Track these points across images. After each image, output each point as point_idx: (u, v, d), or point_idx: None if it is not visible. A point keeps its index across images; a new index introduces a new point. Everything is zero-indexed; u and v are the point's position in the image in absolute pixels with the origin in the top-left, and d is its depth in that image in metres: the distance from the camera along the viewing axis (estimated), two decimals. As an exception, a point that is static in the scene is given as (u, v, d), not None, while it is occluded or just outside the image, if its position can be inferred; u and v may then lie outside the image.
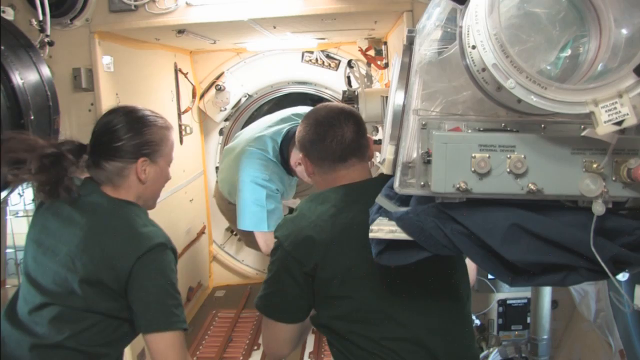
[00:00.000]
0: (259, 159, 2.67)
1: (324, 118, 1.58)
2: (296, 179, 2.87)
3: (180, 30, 2.49)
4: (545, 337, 1.80)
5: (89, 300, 1.45)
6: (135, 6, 2.25)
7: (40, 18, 1.98)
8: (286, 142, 2.67)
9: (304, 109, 2.82)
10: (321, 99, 3.65)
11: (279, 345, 1.57)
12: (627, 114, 0.80)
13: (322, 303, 1.48)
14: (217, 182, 3.10)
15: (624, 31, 0.88)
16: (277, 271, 1.48)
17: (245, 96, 3.68)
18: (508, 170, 0.94)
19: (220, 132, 3.81)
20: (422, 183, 0.98)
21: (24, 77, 1.59)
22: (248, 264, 3.93)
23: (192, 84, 3.54)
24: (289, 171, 2.72)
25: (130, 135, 1.55)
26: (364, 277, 1.41)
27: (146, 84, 2.88)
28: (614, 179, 0.92)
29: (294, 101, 3.92)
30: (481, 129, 0.96)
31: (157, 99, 3.03)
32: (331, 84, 3.56)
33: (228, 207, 2.96)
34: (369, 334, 1.41)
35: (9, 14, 1.93)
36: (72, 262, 1.45)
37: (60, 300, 1.46)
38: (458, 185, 0.94)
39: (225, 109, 3.64)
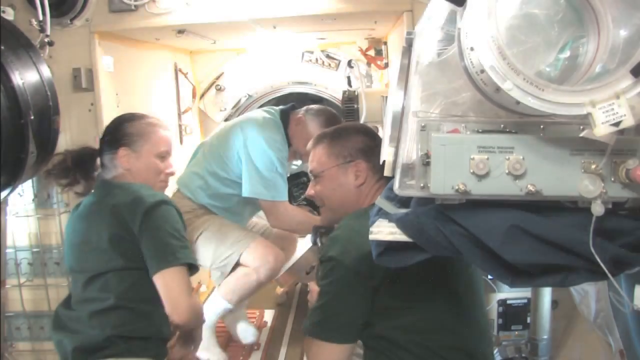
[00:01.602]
0: (269, 119, 2.56)
1: (366, 128, 1.70)
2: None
3: (180, 30, 2.49)
4: (545, 337, 1.80)
5: (121, 258, 1.69)
6: (135, 6, 2.26)
7: (40, 18, 1.98)
8: (285, 117, 2.60)
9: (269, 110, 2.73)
10: (321, 99, 3.65)
11: None
12: (625, 115, 0.80)
13: (382, 314, 1.43)
14: (177, 189, 2.65)
15: (623, 32, 0.88)
16: (338, 292, 1.43)
17: (245, 96, 3.68)
18: (507, 171, 0.94)
19: (220, 132, 3.81)
20: (421, 185, 0.98)
21: (24, 77, 1.59)
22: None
23: (192, 84, 3.54)
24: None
25: (110, 130, 1.91)
26: (424, 286, 1.41)
27: (146, 84, 2.88)
28: (612, 179, 0.92)
29: (294, 101, 3.92)
30: (480, 131, 0.96)
31: (157, 99, 3.03)
32: (331, 84, 3.56)
33: (197, 213, 2.54)
34: (428, 344, 1.40)
35: (9, 14, 1.93)
36: (98, 234, 1.72)
37: (102, 268, 1.70)
38: (457, 187, 0.94)
39: (225, 109, 3.64)
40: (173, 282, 1.67)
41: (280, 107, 2.71)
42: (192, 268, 1.78)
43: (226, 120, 3.74)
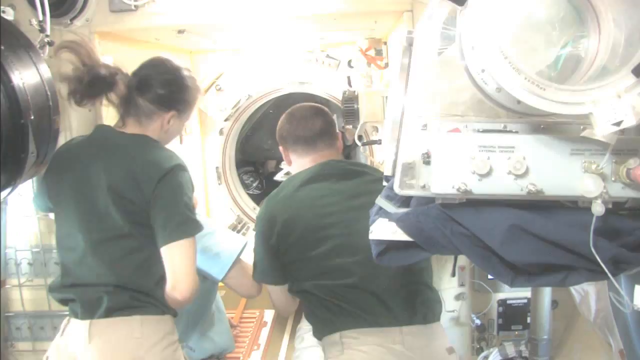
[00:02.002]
0: None
1: (297, 112, 1.98)
2: None
3: (180, 30, 2.48)
4: (545, 337, 1.79)
5: (127, 224, 1.62)
6: (135, 6, 2.25)
7: (40, 18, 1.98)
8: None
9: None
10: (321, 99, 3.65)
11: (280, 303, 1.94)
12: (626, 115, 0.80)
13: (289, 269, 1.80)
14: None
15: (623, 31, 0.88)
16: (256, 246, 1.86)
17: (245, 96, 3.67)
18: (508, 171, 0.94)
19: (220, 132, 3.81)
20: (422, 184, 0.99)
21: (23, 77, 1.59)
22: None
23: (192, 84, 3.53)
24: None
25: (173, 90, 1.79)
26: (318, 241, 1.71)
27: (146, 84, 2.87)
28: (613, 179, 0.93)
29: (294, 101, 3.92)
30: (481, 130, 0.96)
31: (157, 99, 3.02)
32: (331, 84, 3.56)
33: None
34: (326, 283, 1.70)
35: (9, 14, 1.92)
36: (106, 190, 1.63)
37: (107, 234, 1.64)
38: (458, 186, 0.95)
39: (225, 109, 3.64)
40: (181, 255, 1.62)
41: None
42: None
43: (226, 120, 3.74)
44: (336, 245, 1.71)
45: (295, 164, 1.96)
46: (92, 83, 1.67)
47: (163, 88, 1.77)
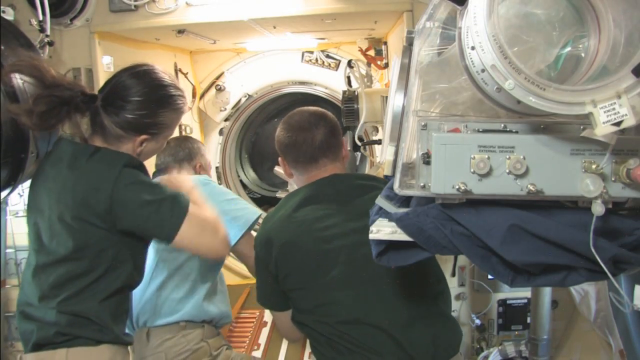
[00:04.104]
0: None
1: (297, 122, 1.72)
2: None
3: (180, 30, 2.49)
4: (545, 337, 1.79)
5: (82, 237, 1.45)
6: (135, 6, 2.25)
7: (40, 18, 1.98)
8: None
9: None
10: (321, 99, 3.65)
11: (286, 330, 1.75)
12: (626, 115, 0.80)
13: (290, 297, 1.63)
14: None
15: (623, 31, 0.88)
16: (257, 270, 1.70)
17: (245, 96, 3.68)
18: (507, 171, 0.94)
19: (220, 132, 3.81)
20: (422, 184, 0.98)
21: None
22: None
23: (192, 84, 3.54)
24: None
25: (144, 114, 1.52)
26: (317, 270, 1.55)
27: (146, 84, 2.87)
28: (613, 179, 0.92)
29: (294, 101, 3.93)
30: (480, 130, 0.96)
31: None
32: (331, 84, 3.56)
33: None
34: (326, 320, 1.53)
35: (9, 14, 1.92)
36: (63, 203, 1.45)
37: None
38: (458, 186, 0.94)
39: (225, 109, 3.65)
40: (197, 230, 1.50)
41: None
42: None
43: (226, 120, 3.74)
44: (337, 275, 1.53)
45: (296, 179, 1.78)
46: (48, 110, 1.43)
47: (132, 112, 1.51)
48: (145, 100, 1.52)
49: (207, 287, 2.15)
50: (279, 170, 2.96)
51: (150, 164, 2.61)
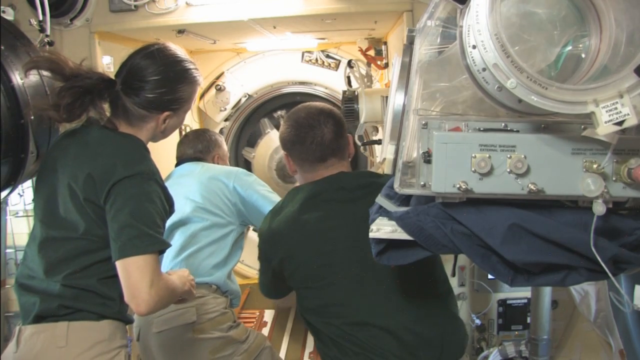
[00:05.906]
0: None
1: (304, 119, 1.67)
2: None
3: (180, 30, 2.48)
4: (545, 337, 1.79)
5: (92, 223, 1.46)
6: (135, 6, 2.25)
7: (40, 18, 1.98)
8: None
9: None
10: (321, 99, 3.65)
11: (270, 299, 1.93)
12: (628, 114, 0.80)
13: (297, 296, 1.66)
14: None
15: (625, 31, 0.88)
16: (260, 265, 1.76)
17: (245, 96, 3.68)
18: (508, 170, 0.93)
19: (220, 132, 3.81)
20: (422, 183, 0.98)
21: (24, 77, 1.59)
22: (248, 264, 3.93)
23: (192, 84, 3.53)
24: None
25: (164, 91, 1.54)
26: (322, 270, 1.57)
27: (146, 83, 2.87)
28: (614, 179, 0.92)
29: (295, 101, 3.92)
30: (481, 129, 0.96)
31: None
32: (331, 84, 3.56)
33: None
34: (332, 321, 1.54)
35: (9, 14, 1.92)
36: (79, 185, 1.46)
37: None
38: (458, 185, 0.94)
39: (225, 109, 3.64)
40: (136, 272, 1.38)
41: None
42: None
43: (226, 120, 3.74)
44: (342, 276, 1.53)
45: (300, 175, 1.75)
46: (73, 101, 1.45)
47: (152, 91, 1.53)
48: (163, 77, 1.54)
49: (232, 265, 2.29)
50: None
51: (169, 159, 2.63)
